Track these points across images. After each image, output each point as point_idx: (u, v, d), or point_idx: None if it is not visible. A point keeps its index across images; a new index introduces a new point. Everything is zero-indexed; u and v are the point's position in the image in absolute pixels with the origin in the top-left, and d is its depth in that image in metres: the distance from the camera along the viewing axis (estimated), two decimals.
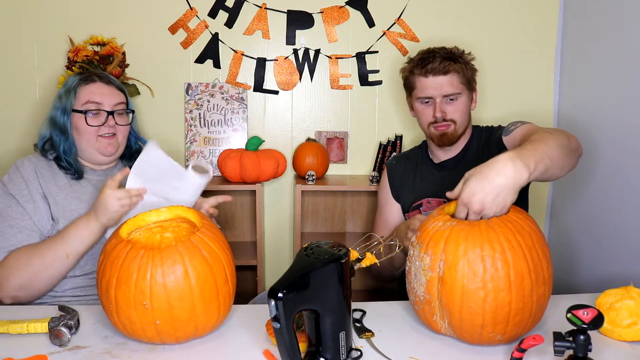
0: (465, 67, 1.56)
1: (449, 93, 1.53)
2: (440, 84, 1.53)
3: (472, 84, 1.60)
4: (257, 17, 2.08)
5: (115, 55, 1.98)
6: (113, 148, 1.45)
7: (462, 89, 1.55)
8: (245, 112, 2.12)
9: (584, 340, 0.84)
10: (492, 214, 1.02)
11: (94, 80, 1.45)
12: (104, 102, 1.43)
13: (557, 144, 1.16)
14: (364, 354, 0.99)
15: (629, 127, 1.68)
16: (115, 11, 2.04)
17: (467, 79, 1.56)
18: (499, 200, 1.02)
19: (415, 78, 1.57)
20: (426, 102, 1.57)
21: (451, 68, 1.52)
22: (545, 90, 2.17)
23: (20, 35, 2.03)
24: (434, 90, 1.54)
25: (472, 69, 1.60)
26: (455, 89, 1.53)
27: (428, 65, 1.53)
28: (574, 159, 1.24)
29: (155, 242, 1.07)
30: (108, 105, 1.43)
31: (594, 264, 1.87)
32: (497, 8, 2.12)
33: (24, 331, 1.04)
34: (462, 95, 1.55)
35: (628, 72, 1.69)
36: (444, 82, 1.52)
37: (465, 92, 1.56)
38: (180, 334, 1.00)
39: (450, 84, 1.53)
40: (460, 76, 1.54)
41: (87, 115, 1.41)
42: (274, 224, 2.23)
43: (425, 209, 1.60)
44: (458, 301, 0.97)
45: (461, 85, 1.55)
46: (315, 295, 0.89)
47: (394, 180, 1.70)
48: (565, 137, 1.23)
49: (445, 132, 1.56)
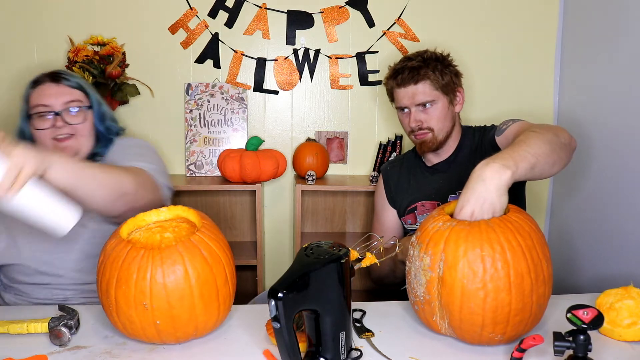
0: (441, 72, 1.54)
1: (421, 101, 1.53)
2: (413, 93, 1.53)
3: (451, 87, 1.56)
4: (257, 17, 2.08)
5: (115, 55, 1.98)
6: (71, 151, 1.35)
7: (436, 95, 1.53)
8: (245, 112, 2.12)
9: (584, 340, 0.84)
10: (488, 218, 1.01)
11: (42, 82, 1.37)
12: (52, 102, 1.34)
13: (542, 141, 1.15)
14: (364, 354, 0.99)
15: (629, 127, 1.68)
16: (115, 11, 2.04)
17: (441, 84, 1.54)
18: (486, 206, 1.01)
19: (393, 89, 1.59)
20: (404, 112, 1.58)
21: (421, 77, 1.52)
22: (545, 90, 2.17)
23: (21, 35, 2.03)
24: (407, 100, 1.55)
25: (451, 72, 1.57)
26: (427, 97, 1.53)
27: (398, 77, 1.55)
28: (565, 153, 1.22)
29: (155, 242, 1.07)
30: (57, 105, 1.34)
31: (594, 264, 1.87)
32: (497, 8, 2.12)
33: (24, 331, 1.04)
34: (437, 101, 1.54)
35: (628, 71, 1.69)
36: (415, 91, 1.53)
37: (441, 97, 1.54)
38: (180, 334, 1.00)
39: (422, 92, 1.53)
40: (434, 82, 1.53)
41: (32, 118, 1.34)
42: (274, 224, 2.23)
43: (420, 212, 1.60)
44: (458, 301, 0.97)
45: (435, 92, 1.53)
46: (315, 295, 0.89)
47: (389, 186, 1.70)
48: (553, 133, 1.21)
49: (424, 140, 1.56)
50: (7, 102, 2.07)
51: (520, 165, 1.06)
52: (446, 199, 1.56)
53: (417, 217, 1.61)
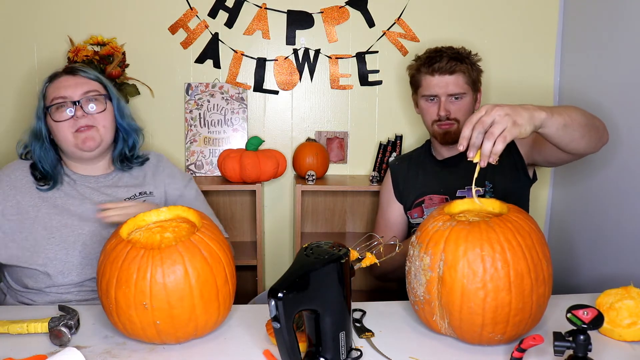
0: (472, 68, 1.59)
1: (454, 92, 1.55)
2: (446, 83, 1.55)
3: (477, 85, 1.62)
4: (257, 17, 2.08)
5: (115, 55, 1.98)
6: (93, 142, 1.34)
7: (467, 89, 1.57)
8: (245, 112, 2.12)
9: (584, 340, 0.84)
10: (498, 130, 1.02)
11: (59, 76, 1.38)
12: (69, 94, 1.34)
13: (580, 113, 1.18)
14: (364, 354, 0.99)
15: (629, 127, 1.68)
16: (115, 11, 2.04)
17: (472, 79, 1.58)
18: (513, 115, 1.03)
19: (422, 76, 1.59)
20: (431, 100, 1.59)
21: (457, 68, 1.55)
22: (545, 90, 2.17)
23: (20, 35, 2.03)
24: (439, 89, 1.56)
25: (477, 70, 1.62)
26: (460, 89, 1.56)
27: (435, 64, 1.55)
28: (596, 136, 1.25)
29: (155, 242, 1.07)
30: (76, 95, 1.34)
31: (593, 264, 1.87)
32: (497, 7, 2.12)
33: (24, 331, 1.04)
34: (466, 95, 1.58)
35: (628, 71, 1.69)
36: (449, 81, 1.55)
37: (470, 92, 1.58)
38: (180, 334, 1.00)
39: (455, 83, 1.55)
40: (466, 76, 1.56)
41: (50, 112, 1.34)
42: (274, 224, 2.23)
43: (427, 206, 1.61)
44: (458, 301, 0.97)
45: (466, 86, 1.57)
46: (315, 295, 0.89)
47: (397, 180, 1.71)
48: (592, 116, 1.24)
49: (449, 131, 1.58)
50: (7, 102, 2.06)
51: (556, 116, 1.11)
52: (455, 193, 1.57)
53: (424, 211, 1.63)
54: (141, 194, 1.44)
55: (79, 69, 1.40)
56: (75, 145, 1.35)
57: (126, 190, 1.43)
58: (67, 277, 1.30)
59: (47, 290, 1.31)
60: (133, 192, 1.43)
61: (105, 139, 1.38)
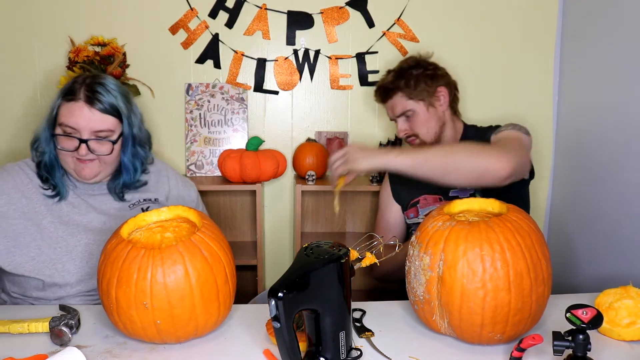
0: (415, 80, 1.60)
1: (399, 113, 1.64)
2: (391, 107, 1.66)
3: (428, 91, 1.61)
4: (257, 17, 2.08)
5: (116, 56, 1.98)
6: (91, 172, 1.31)
7: (412, 104, 1.62)
8: (245, 112, 2.12)
9: (583, 340, 0.85)
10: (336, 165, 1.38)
11: (76, 99, 1.27)
12: (80, 128, 1.27)
13: (446, 153, 1.32)
14: (364, 353, 0.99)
15: (628, 127, 1.68)
16: (115, 12, 2.04)
17: (416, 93, 1.61)
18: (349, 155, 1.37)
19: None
20: (394, 122, 1.69)
21: (393, 92, 1.63)
22: (545, 90, 2.17)
23: (21, 35, 2.03)
24: (390, 113, 1.69)
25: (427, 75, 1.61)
26: (403, 108, 1.62)
27: (376, 94, 1.72)
28: (471, 176, 1.30)
29: (156, 242, 1.07)
30: (85, 132, 1.27)
31: (593, 263, 1.87)
32: (497, 8, 2.12)
33: (25, 330, 1.04)
34: (413, 110, 1.62)
35: (628, 71, 1.69)
36: (391, 104, 1.66)
37: (417, 104, 1.62)
38: (180, 334, 1.00)
39: (398, 104, 1.63)
40: (406, 94, 1.62)
41: (58, 136, 1.29)
42: (274, 224, 2.23)
43: (422, 206, 1.63)
44: (457, 301, 0.97)
45: (409, 102, 1.62)
46: (315, 295, 0.89)
47: (395, 181, 1.72)
48: (471, 159, 1.29)
49: (413, 145, 1.66)
50: (8, 102, 2.07)
51: (401, 158, 1.30)
52: (448, 192, 1.58)
53: (419, 211, 1.64)
54: (145, 200, 1.43)
55: (98, 99, 1.28)
56: (74, 170, 1.32)
57: (130, 196, 1.42)
58: (74, 287, 1.29)
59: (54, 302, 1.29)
60: (137, 199, 1.42)
61: (104, 172, 1.35)
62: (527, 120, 2.15)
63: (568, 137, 2.08)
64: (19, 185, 1.32)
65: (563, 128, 2.12)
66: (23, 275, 1.28)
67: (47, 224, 1.30)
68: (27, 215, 1.30)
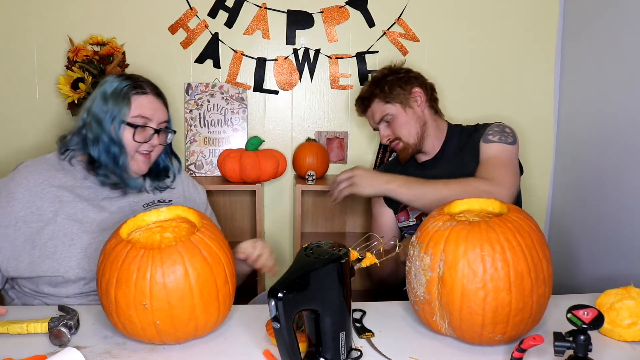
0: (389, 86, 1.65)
1: (378, 120, 1.67)
2: (371, 116, 1.71)
3: (403, 94, 1.64)
4: (257, 17, 2.07)
5: (115, 55, 1.98)
6: (146, 166, 1.38)
7: (388, 108, 1.65)
8: (245, 112, 2.12)
9: (584, 341, 0.84)
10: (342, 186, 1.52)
11: (146, 92, 1.36)
12: (154, 118, 1.35)
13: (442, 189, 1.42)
14: (364, 354, 0.99)
15: (629, 127, 1.68)
16: (115, 11, 2.04)
17: (390, 97, 1.64)
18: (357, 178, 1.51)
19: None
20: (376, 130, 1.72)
21: (369, 101, 1.68)
22: (545, 90, 2.17)
23: (20, 35, 2.03)
24: (372, 122, 1.72)
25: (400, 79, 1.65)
26: (382, 113, 1.66)
27: (357, 109, 1.77)
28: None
29: (155, 242, 1.07)
30: (156, 121, 1.36)
31: (594, 264, 1.86)
32: (497, 8, 2.12)
33: (24, 331, 1.04)
34: (391, 114, 1.65)
35: (628, 71, 1.68)
36: (371, 114, 1.70)
37: (393, 108, 1.65)
38: (180, 334, 1.00)
39: (377, 111, 1.67)
40: (381, 99, 1.65)
41: (136, 130, 1.33)
42: (274, 224, 2.23)
43: (412, 208, 1.64)
44: (458, 301, 0.97)
45: (386, 106, 1.65)
46: (315, 295, 0.89)
47: None
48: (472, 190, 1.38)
49: (399, 149, 1.68)
50: (7, 102, 2.06)
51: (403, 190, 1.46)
52: None
53: (409, 214, 1.66)
54: (160, 201, 1.43)
55: (160, 91, 1.41)
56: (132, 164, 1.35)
57: (145, 196, 1.42)
58: (88, 283, 1.29)
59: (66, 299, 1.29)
60: (152, 199, 1.42)
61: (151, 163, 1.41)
62: (527, 120, 2.16)
63: (569, 138, 2.08)
64: (32, 187, 1.32)
65: (564, 128, 2.12)
66: (39, 275, 1.27)
67: (61, 221, 1.30)
68: (44, 215, 1.29)
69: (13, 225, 1.27)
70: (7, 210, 1.27)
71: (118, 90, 1.34)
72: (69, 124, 2.05)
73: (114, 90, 1.34)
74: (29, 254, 1.27)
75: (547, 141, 2.17)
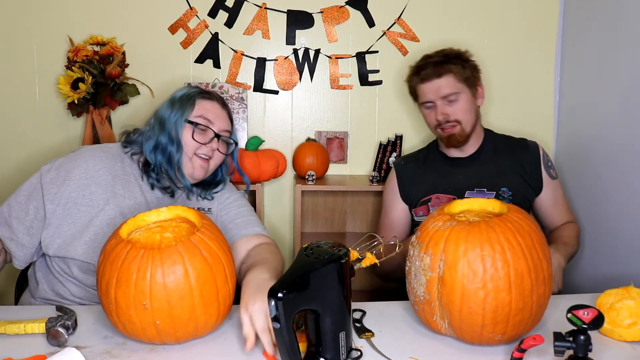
0: (463, 66, 1.59)
1: (446, 94, 1.56)
2: (437, 87, 1.57)
3: (474, 80, 1.61)
4: (257, 17, 2.07)
5: (115, 55, 1.98)
6: (203, 172, 1.36)
7: (460, 87, 1.57)
8: (245, 112, 2.12)
9: (584, 341, 0.84)
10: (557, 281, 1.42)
11: (211, 99, 1.40)
12: (216, 122, 1.37)
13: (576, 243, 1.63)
14: (364, 354, 0.99)
15: (629, 127, 1.67)
16: (115, 11, 2.04)
17: (465, 76, 1.58)
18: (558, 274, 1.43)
19: (416, 85, 1.63)
20: (429, 107, 1.61)
21: (445, 70, 1.57)
22: (545, 90, 2.17)
23: (20, 35, 2.03)
24: (432, 95, 1.58)
25: (471, 66, 1.62)
26: (452, 89, 1.56)
27: (422, 72, 1.59)
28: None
29: (155, 242, 1.07)
30: (217, 127, 1.37)
31: (594, 264, 1.86)
32: (497, 8, 2.12)
33: (22, 331, 1.04)
34: (462, 94, 1.57)
35: (628, 71, 1.68)
36: (440, 84, 1.57)
37: (465, 90, 1.58)
38: (180, 334, 1.00)
39: (447, 85, 1.56)
40: (457, 75, 1.57)
41: (196, 128, 1.34)
42: (274, 224, 2.23)
43: (434, 205, 1.62)
44: (458, 301, 0.96)
45: (459, 84, 1.57)
46: (315, 295, 0.89)
47: (403, 180, 1.70)
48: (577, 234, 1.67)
49: (452, 134, 1.59)
50: (7, 102, 2.06)
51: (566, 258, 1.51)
52: (463, 194, 1.58)
53: (429, 209, 1.63)
54: (199, 209, 1.41)
55: (226, 104, 1.44)
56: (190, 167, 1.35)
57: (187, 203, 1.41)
58: None
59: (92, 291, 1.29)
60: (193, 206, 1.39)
61: (209, 173, 1.40)
62: (527, 120, 2.16)
63: (569, 138, 2.08)
64: (90, 171, 1.33)
65: (564, 128, 2.12)
66: (73, 258, 1.28)
67: (108, 211, 1.30)
68: (92, 203, 1.30)
69: (63, 205, 1.28)
70: (62, 189, 1.29)
71: (186, 95, 1.38)
72: (69, 124, 2.07)
73: (182, 95, 1.39)
74: (71, 235, 1.28)
75: (548, 141, 2.17)
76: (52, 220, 1.28)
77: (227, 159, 1.47)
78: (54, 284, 1.32)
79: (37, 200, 1.29)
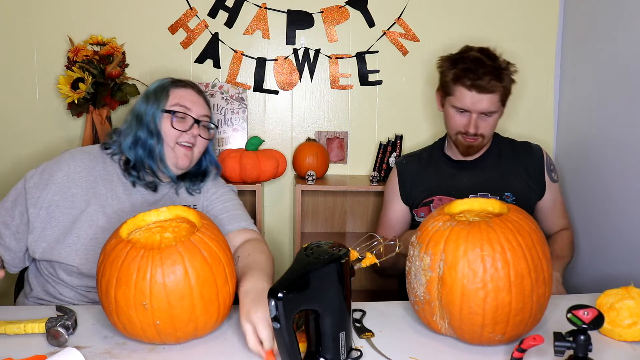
0: (508, 85, 1.55)
1: (487, 110, 1.52)
2: (481, 101, 1.50)
3: (506, 100, 1.58)
4: (257, 17, 2.07)
5: (115, 55, 1.98)
6: (188, 160, 1.36)
7: (498, 106, 1.55)
8: (245, 112, 2.12)
9: (584, 341, 0.84)
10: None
11: (185, 86, 1.40)
12: (193, 109, 1.36)
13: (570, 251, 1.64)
14: (364, 354, 0.99)
15: (629, 127, 1.67)
16: (115, 11, 2.04)
17: (505, 97, 1.55)
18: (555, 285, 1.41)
19: (457, 86, 1.52)
20: (461, 112, 1.55)
21: (497, 88, 1.50)
22: (545, 90, 2.17)
23: (20, 35, 2.03)
24: (472, 105, 1.51)
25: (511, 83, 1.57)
26: (493, 107, 1.53)
27: (477, 81, 1.48)
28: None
29: (155, 242, 1.06)
30: (195, 113, 1.36)
31: (594, 264, 1.86)
32: (497, 8, 2.12)
33: (21, 331, 1.04)
34: (497, 112, 1.56)
35: (628, 71, 1.68)
36: (485, 100, 1.50)
37: (500, 109, 1.57)
38: (180, 334, 1.00)
39: (491, 103, 1.51)
40: (501, 95, 1.53)
41: (174, 117, 1.34)
42: (274, 224, 2.23)
43: (436, 206, 1.61)
44: (458, 301, 0.96)
45: (499, 103, 1.54)
46: (315, 295, 0.89)
47: (404, 180, 1.70)
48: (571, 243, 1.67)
49: (472, 145, 1.58)
50: (7, 102, 2.06)
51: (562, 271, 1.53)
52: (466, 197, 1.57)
53: (431, 210, 1.61)
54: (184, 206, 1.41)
55: (201, 90, 1.44)
56: (171, 158, 1.34)
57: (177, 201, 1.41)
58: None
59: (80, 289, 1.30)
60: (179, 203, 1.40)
61: (194, 162, 1.40)
62: (527, 120, 2.16)
63: (569, 138, 2.08)
64: (70, 173, 1.33)
65: (564, 128, 2.12)
66: (57, 261, 1.28)
67: (91, 212, 1.31)
68: (74, 205, 1.31)
69: (46, 208, 1.29)
70: (45, 193, 1.29)
71: (159, 87, 1.39)
72: (69, 124, 2.06)
73: (156, 87, 1.39)
74: (55, 239, 1.28)
75: (548, 141, 2.17)
76: (36, 224, 1.29)
77: (211, 147, 1.46)
78: (46, 286, 1.33)
79: (21, 205, 1.29)
